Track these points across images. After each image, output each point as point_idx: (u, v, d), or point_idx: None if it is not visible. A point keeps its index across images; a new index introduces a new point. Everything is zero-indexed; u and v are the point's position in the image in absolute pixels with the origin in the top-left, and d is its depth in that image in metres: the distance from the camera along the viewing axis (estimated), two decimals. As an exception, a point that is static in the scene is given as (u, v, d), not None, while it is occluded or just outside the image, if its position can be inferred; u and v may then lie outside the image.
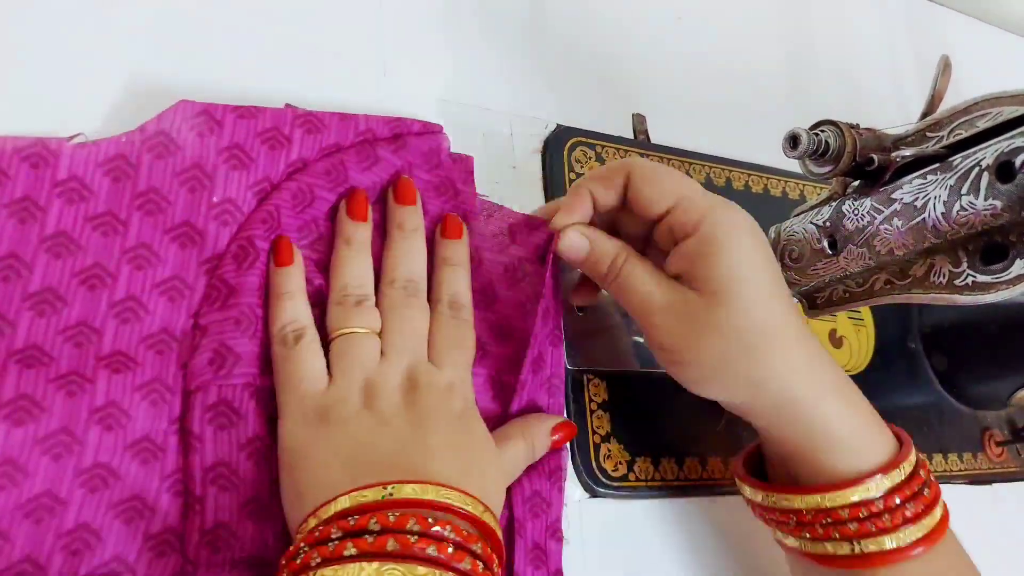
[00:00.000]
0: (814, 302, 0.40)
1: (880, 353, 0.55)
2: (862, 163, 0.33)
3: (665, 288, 0.35)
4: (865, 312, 0.56)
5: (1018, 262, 0.30)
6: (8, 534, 0.28)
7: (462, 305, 0.37)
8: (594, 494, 0.41)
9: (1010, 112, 0.31)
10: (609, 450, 0.42)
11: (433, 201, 0.39)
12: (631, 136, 0.51)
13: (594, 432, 0.41)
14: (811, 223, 0.37)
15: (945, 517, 0.35)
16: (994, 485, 0.57)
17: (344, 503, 0.29)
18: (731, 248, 0.34)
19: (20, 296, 0.30)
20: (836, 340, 0.53)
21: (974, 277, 0.32)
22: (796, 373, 0.34)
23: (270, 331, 0.34)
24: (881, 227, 0.34)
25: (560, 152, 0.46)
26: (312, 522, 0.29)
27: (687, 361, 0.36)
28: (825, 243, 0.37)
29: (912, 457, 0.35)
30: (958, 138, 0.33)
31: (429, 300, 0.36)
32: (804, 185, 0.56)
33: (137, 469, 0.30)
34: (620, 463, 0.42)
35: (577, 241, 0.37)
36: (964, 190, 0.31)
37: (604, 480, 0.41)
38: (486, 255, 0.39)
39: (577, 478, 0.41)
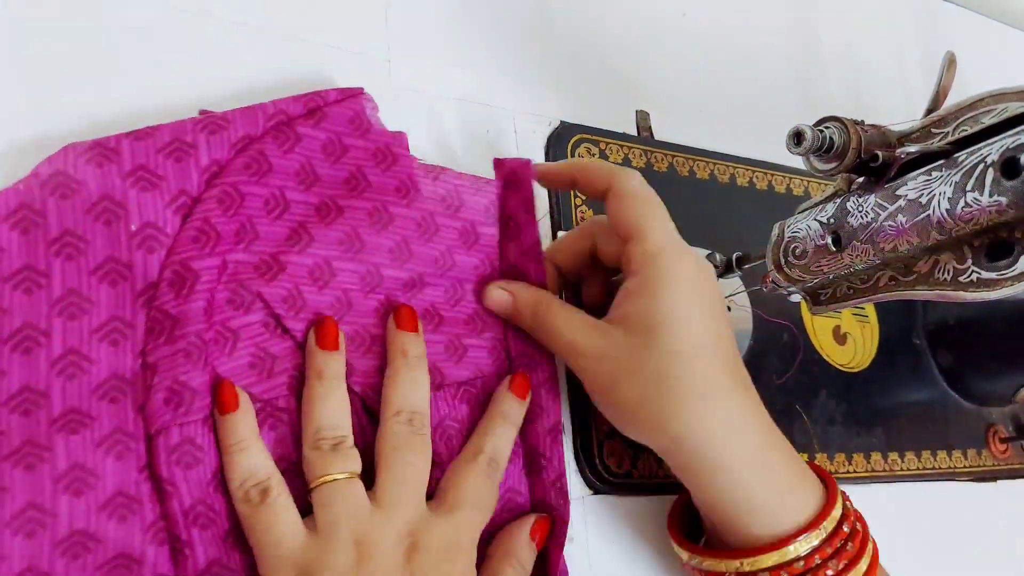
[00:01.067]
0: (818, 299, 0.40)
1: (884, 350, 0.55)
2: (867, 160, 0.33)
3: (588, 334, 0.35)
4: (869, 309, 0.56)
5: (1023, 259, 0.30)
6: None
7: (499, 464, 0.35)
8: (597, 491, 0.41)
9: (1016, 108, 0.31)
10: (612, 447, 0.42)
11: (372, 169, 0.37)
12: (635, 133, 0.51)
13: (597, 429, 0.41)
14: (815, 220, 0.37)
15: (873, 565, 0.34)
16: (999, 482, 0.57)
17: None
18: (666, 294, 0.34)
19: None
20: (840, 337, 0.53)
21: (979, 274, 0.32)
22: (713, 437, 0.33)
23: (229, 487, 0.31)
24: (885, 224, 0.34)
25: (564, 149, 0.46)
26: None
27: (611, 402, 0.35)
28: (829, 240, 0.36)
29: (836, 511, 0.35)
30: (963, 134, 0.32)
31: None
32: (808, 181, 0.56)
33: (116, 527, 0.29)
34: (623, 460, 0.42)
35: (499, 296, 0.38)
36: (969, 187, 0.31)
37: (607, 477, 0.41)
38: (439, 220, 0.38)
39: (580, 475, 0.41)
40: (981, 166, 0.30)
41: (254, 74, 0.38)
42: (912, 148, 0.33)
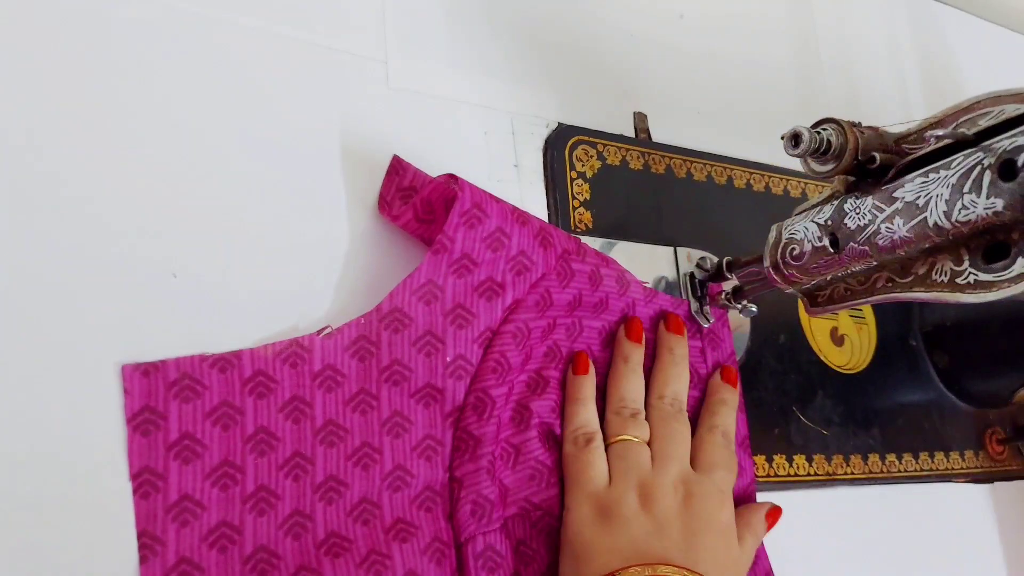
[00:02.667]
0: (815, 300, 0.40)
1: (881, 351, 0.55)
2: (864, 161, 0.33)
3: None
4: (867, 310, 0.56)
5: (1020, 260, 0.30)
6: None
7: (730, 437, 0.42)
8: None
9: (1012, 110, 0.31)
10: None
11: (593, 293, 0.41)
12: (633, 135, 0.51)
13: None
14: (812, 221, 0.37)
15: None
16: (995, 483, 0.57)
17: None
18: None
19: (311, 488, 0.34)
20: (837, 338, 0.53)
21: (976, 276, 0.32)
22: None
23: (564, 430, 0.39)
24: (883, 226, 0.34)
25: (562, 151, 0.46)
26: None
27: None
28: (827, 241, 0.37)
29: None
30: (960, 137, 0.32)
31: (698, 426, 0.42)
32: (806, 183, 0.56)
33: None
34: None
35: None
36: (966, 189, 0.31)
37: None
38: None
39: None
40: (978, 168, 0.30)
41: (250, 74, 0.38)
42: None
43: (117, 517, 0.30)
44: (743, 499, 0.43)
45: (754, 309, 0.43)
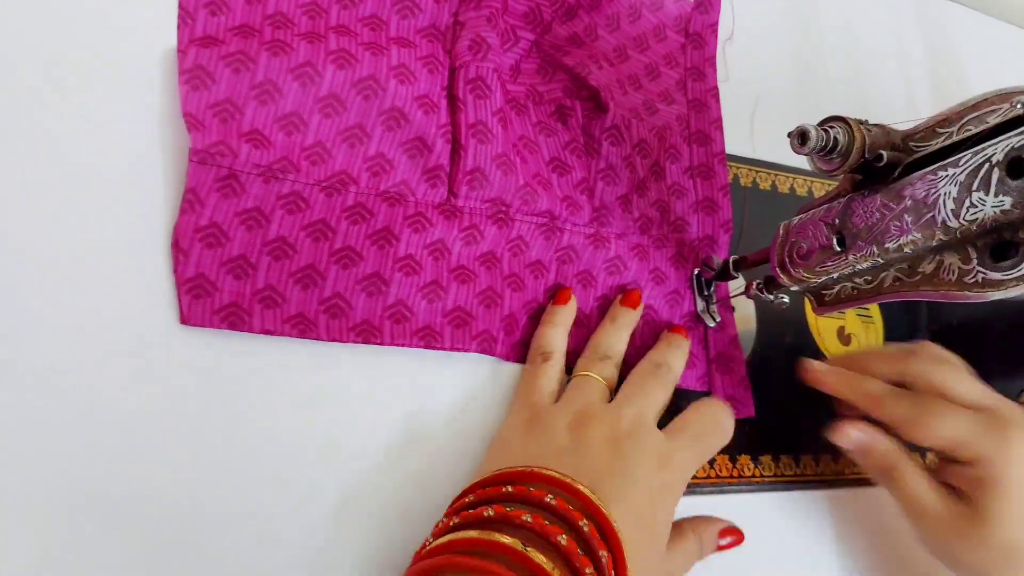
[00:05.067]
0: (822, 299, 0.39)
1: (888, 350, 0.54)
2: (871, 159, 0.33)
3: (934, 498, 0.41)
4: (874, 309, 0.55)
5: (1028, 259, 0.30)
6: (331, 152, 0.36)
7: (672, 372, 0.41)
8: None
9: (1020, 108, 0.31)
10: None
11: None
12: (638, 133, 0.50)
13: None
14: (820, 220, 0.37)
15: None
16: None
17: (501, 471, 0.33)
18: (1002, 483, 0.38)
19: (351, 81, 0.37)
20: (845, 337, 0.53)
21: (984, 274, 0.32)
22: None
23: (530, 350, 0.40)
24: (890, 224, 0.34)
25: (567, 149, 0.46)
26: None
27: (951, 560, 0.41)
28: (834, 240, 0.36)
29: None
30: (968, 134, 0.32)
31: None
32: (812, 182, 0.56)
33: (423, 117, 0.38)
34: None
35: (857, 436, 0.43)
36: (974, 186, 0.31)
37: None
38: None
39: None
40: (986, 166, 0.30)
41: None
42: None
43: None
44: (731, 398, 0.45)
45: (786, 300, 0.42)
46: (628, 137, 0.45)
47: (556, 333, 0.40)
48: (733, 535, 0.40)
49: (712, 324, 0.46)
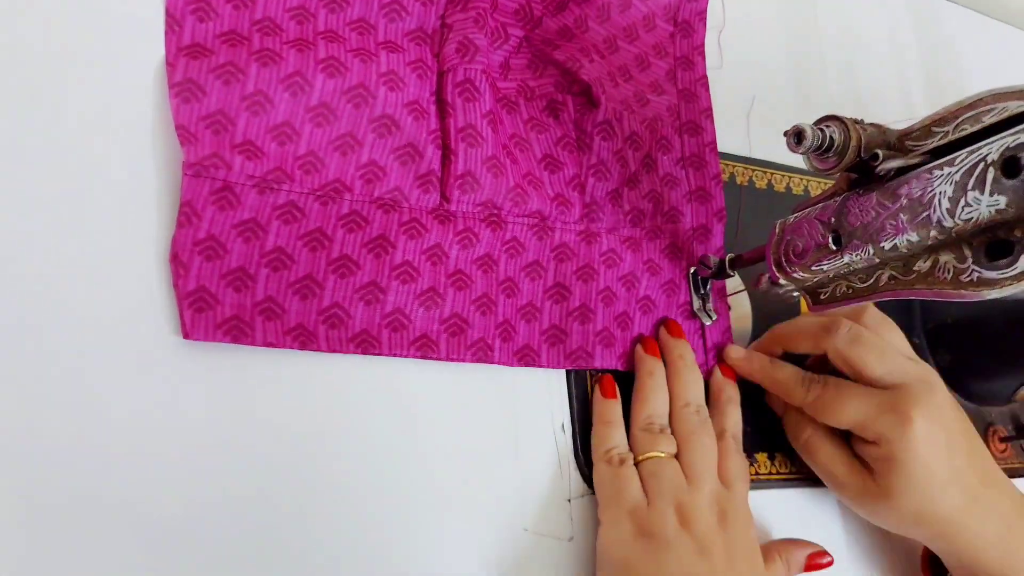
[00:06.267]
0: (817, 298, 0.40)
1: (884, 349, 0.54)
2: (867, 158, 0.33)
3: (844, 471, 0.43)
4: (869, 308, 0.55)
5: (1023, 258, 0.30)
6: (324, 161, 0.36)
7: (739, 441, 0.43)
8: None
9: (1016, 107, 0.31)
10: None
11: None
12: (634, 131, 0.50)
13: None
14: (815, 219, 0.37)
15: None
16: (997, 481, 0.57)
17: None
18: (902, 461, 0.40)
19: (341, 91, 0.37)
20: (840, 336, 0.53)
21: (979, 273, 0.32)
22: (984, 552, 0.41)
23: (596, 452, 0.40)
24: (886, 223, 0.34)
25: (563, 147, 0.46)
26: None
27: (873, 519, 0.44)
28: (829, 239, 0.36)
29: None
30: (963, 133, 0.32)
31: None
32: (808, 180, 0.56)
33: (412, 123, 0.38)
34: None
35: (776, 404, 0.47)
36: (969, 186, 0.31)
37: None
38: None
39: (580, 474, 0.41)
40: (981, 165, 0.30)
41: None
42: (893, 163, 0.33)
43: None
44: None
45: (796, 292, 0.42)
46: (620, 131, 0.45)
47: (617, 431, 0.41)
48: (823, 557, 0.44)
49: (708, 323, 0.46)
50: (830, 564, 0.44)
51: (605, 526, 0.38)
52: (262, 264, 0.35)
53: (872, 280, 0.37)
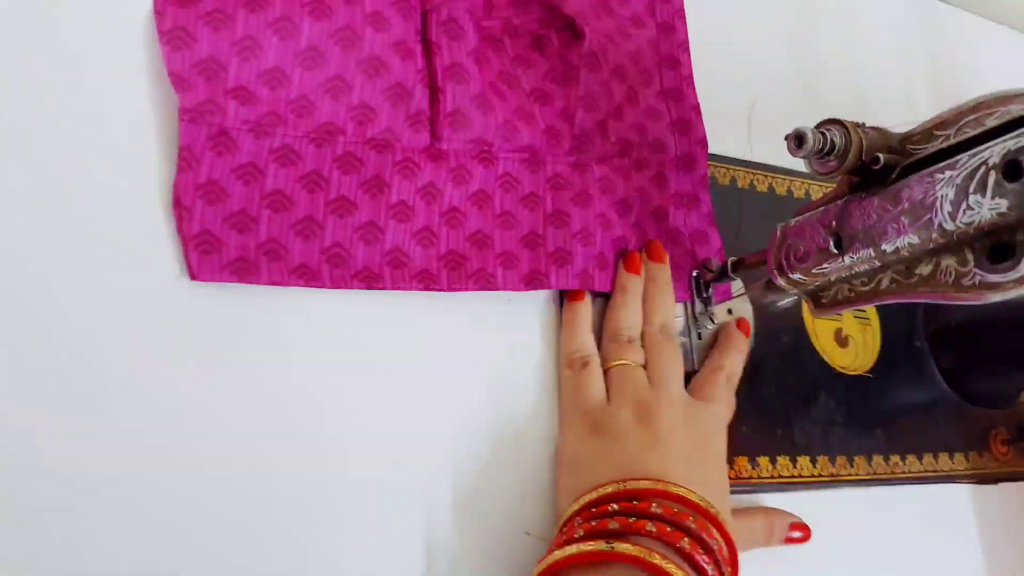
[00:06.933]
0: (819, 301, 0.40)
1: (886, 352, 0.55)
2: (868, 162, 0.33)
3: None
4: (871, 311, 0.55)
5: (1025, 261, 0.30)
6: (315, 104, 0.37)
7: (734, 382, 0.44)
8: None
9: (1018, 111, 0.31)
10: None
11: None
12: (636, 135, 0.50)
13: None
14: (817, 222, 0.37)
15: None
16: (1000, 484, 0.57)
17: (608, 489, 0.35)
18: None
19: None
20: (842, 339, 0.53)
21: (981, 276, 0.32)
22: None
23: (562, 354, 0.41)
24: (888, 226, 0.34)
25: (565, 151, 0.46)
26: (575, 507, 0.35)
27: None
28: (831, 242, 0.36)
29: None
30: (965, 136, 0.32)
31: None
32: (809, 184, 0.56)
33: (400, 63, 0.39)
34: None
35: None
36: (971, 189, 0.31)
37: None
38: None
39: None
40: (983, 168, 0.30)
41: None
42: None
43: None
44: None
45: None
46: (605, 62, 0.45)
47: (584, 334, 0.41)
48: (802, 531, 0.44)
49: (710, 327, 0.46)
50: (802, 540, 0.44)
51: (562, 428, 0.39)
52: (263, 206, 0.35)
53: (874, 284, 0.37)
